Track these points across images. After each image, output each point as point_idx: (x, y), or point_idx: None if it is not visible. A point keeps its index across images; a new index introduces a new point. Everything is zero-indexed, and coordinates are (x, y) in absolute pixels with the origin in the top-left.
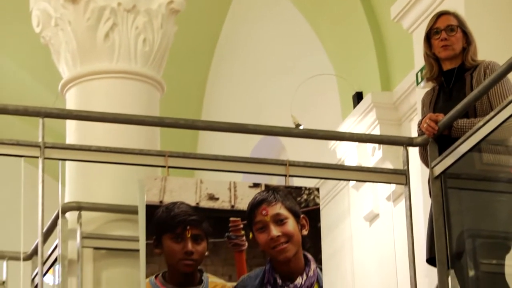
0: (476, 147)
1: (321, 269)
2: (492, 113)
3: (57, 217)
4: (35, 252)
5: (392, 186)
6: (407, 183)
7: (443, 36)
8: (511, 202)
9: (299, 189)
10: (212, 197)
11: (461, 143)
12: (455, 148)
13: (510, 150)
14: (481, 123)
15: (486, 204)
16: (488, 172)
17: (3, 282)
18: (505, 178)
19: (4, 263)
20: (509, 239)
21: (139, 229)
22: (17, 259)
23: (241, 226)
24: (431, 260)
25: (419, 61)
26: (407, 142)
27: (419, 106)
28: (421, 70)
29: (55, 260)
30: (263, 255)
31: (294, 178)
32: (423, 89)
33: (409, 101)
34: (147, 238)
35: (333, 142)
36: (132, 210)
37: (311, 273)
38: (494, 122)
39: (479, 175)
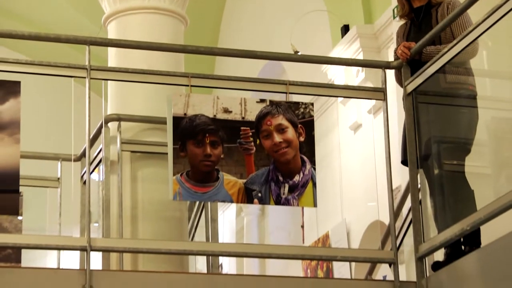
0: (441, 69)
1: (314, 169)
2: (454, 41)
3: (101, 126)
4: (83, 154)
5: (373, 101)
6: (384, 99)
7: None
8: (470, 113)
9: (297, 104)
10: (226, 110)
11: (429, 66)
12: (424, 70)
13: (468, 71)
14: (445, 49)
15: (449, 116)
16: (451, 89)
17: (58, 179)
18: (464, 94)
19: (59, 163)
20: (468, 144)
21: (167, 136)
22: (69, 160)
23: (250, 134)
24: (404, 162)
25: None
26: (385, 65)
27: (395, 36)
28: (397, 6)
29: (100, 161)
30: (268, 158)
31: (293, 95)
32: (398, 22)
33: (387, 32)
34: (174, 143)
35: (324, 65)
36: (162, 121)
37: (306, 172)
38: (456, 48)
39: (444, 92)
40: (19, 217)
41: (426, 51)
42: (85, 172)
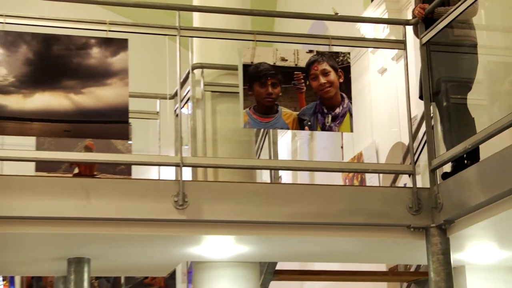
0: (449, 25)
1: (351, 103)
2: (459, 3)
3: (188, 73)
4: (176, 94)
5: (395, 51)
6: (405, 48)
7: None
8: (471, 59)
9: (337, 53)
10: (283, 59)
11: (439, 22)
12: (435, 26)
13: (470, 26)
14: (452, 9)
15: (455, 61)
16: (456, 40)
17: (157, 112)
18: (467, 44)
19: (158, 101)
20: (470, 82)
21: (239, 79)
22: (165, 98)
23: (302, 77)
24: (420, 97)
25: None
26: (405, 23)
27: (413, 0)
28: None
29: (188, 99)
30: (315, 95)
31: (334, 47)
32: None
33: None
34: (244, 85)
35: (358, 23)
36: (234, 68)
37: (345, 105)
38: (461, 8)
39: (451, 43)
40: (129, 142)
41: (437, 11)
42: (177, 107)
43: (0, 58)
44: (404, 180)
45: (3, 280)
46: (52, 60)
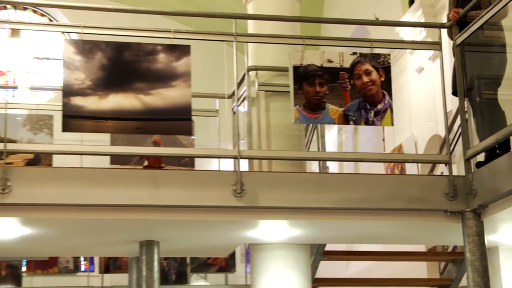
0: (480, 27)
1: (391, 99)
2: (489, 7)
3: (244, 74)
4: (233, 93)
5: (431, 51)
6: (440, 49)
7: None
8: (501, 58)
9: (378, 54)
10: (329, 61)
11: (472, 25)
12: (468, 28)
13: (500, 28)
14: (484, 13)
15: (486, 60)
16: (488, 41)
17: (217, 110)
18: (497, 44)
19: (217, 100)
20: (500, 79)
21: (289, 80)
22: (223, 97)
23: (346, 76)
24: (454, 93)
25: None
26: (440, 26)
27: (447, 5)
28: None
29: (244, 98)
30: (359, 93)
31: (376, 49)
32: None
33: (441, 2)
34: (294, 84)
35: (397, 27)
36: (285, 69)
37: (386, 102)
38: (491, 12)
39: (483, 43)
40: (192, 137)
41: (470, 14)
42: (234, 105)
43: (79, 65)
44: (441, 169)
45: (84, 260)
46: (124, 65)
